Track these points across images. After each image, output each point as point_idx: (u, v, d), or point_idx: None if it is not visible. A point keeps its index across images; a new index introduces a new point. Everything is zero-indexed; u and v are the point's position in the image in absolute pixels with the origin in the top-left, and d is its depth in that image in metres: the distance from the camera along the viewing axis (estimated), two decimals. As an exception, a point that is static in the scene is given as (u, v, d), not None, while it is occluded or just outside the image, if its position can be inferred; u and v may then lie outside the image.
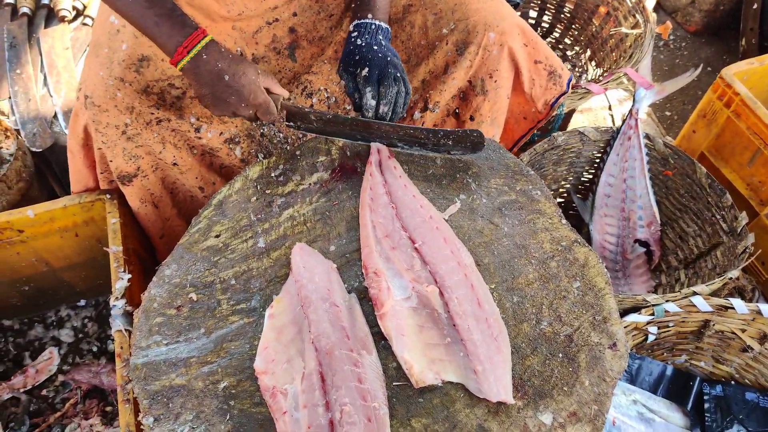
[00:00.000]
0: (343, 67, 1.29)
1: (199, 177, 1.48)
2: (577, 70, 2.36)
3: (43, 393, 1.65)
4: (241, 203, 1.24)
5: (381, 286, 1.04)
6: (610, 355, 0.98)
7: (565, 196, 1.90)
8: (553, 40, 2.46)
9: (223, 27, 1.40)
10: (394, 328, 1.00)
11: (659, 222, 1.72)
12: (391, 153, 1.27)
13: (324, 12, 1.48)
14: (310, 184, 1.26)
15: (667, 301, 1.36)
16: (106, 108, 1.31)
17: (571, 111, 2.08)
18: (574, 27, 2.37)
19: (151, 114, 1.36)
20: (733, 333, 1.41)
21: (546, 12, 2.43)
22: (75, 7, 2.30)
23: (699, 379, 1.44)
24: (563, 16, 2.38)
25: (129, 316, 1.27)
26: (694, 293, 1.36)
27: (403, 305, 1.03)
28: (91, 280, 1.75)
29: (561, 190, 1.88)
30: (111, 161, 1.38)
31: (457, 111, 1.57)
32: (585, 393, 0.94)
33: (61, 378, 1.67)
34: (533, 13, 2.45)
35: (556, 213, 1.17)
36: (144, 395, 0.98)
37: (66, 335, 1.77)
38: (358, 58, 1.26)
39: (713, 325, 1.40)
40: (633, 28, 2.06)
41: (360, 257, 1.12)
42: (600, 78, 1.92)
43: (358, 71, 1.26)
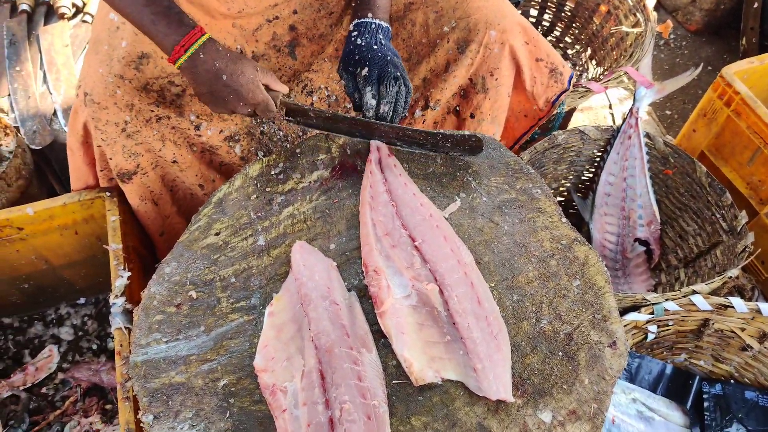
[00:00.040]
0: (343, 66, 1.28)
1: (198, 174, 1.48)
2: (577, 68, 2.36)
3: (43, 391, 1.65)
4: (241, 201, 1.24)
5: (381, 284, 1.04)
6: (609, 354, 0.98)
7: (565, 194, 1.90)
8: (554, 39, 2.45)
9: (223, 24, 1.40)
10: (393, 326, 1.00)
11: (659, 221, 1.72)
12: (391, 151, 1.27)
13: (324, 10, 1.48)
14: (310, 182, 1.26)
15: (666, 299, 1.36)
16: (105, 105, 1.31)
17: (572, 110, 2.08)
18: (574, 25, 2.37)
19: (151, 111, 1.36)
20: (733, 332, 1.41)
21: (547, 10, 2.43)
22: (74, 4, 2.29)
23: (698, 377, 1.44)
24: (564, 14, 2.38)
25: (129, 314, 1.27)
26: (694, 292, 1.36)
27: (402, 303, 1.03)
28: (91, 277, 1.75)
29: (561, 188, 1.88)
30: (111, 159, 1.38)
31: (457, 108, 1.56)
32: (584, 391, 0.95)
33: (60, 376, 1.67)
34: (534, 11, 2.45)
35: (556, 211, 1.17)
36: (144, 393, 0.99)
37: (66, 333, 1.77)
38: (358, 57, 1.26)
39: (713, 323, 1.40)
40: (633, 26, 2.06)
41: (360, 255, 1.12)
42: (600, 77, 1.92)
43: (358, 71, 1.25)
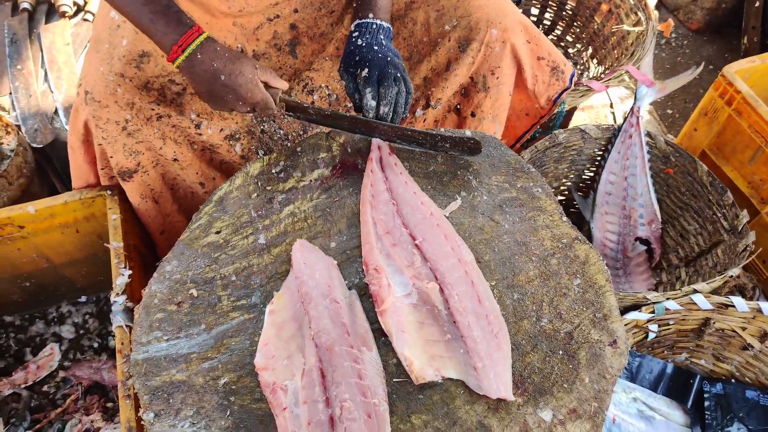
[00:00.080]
0: (343, 67, 1.28)
1: (199, 172, 1.48)
2: (578, 67, 2.36)
3: (44, 389, 1.65)
4: (242, 199, 1.24)
5: (381, 282, 1.04)
6: (610, 353, 0.98)
7: (566, 193, 1.90)
8: (555, 38, 2.45)
9: (223, 23, 1.40)
10: (394, 324, 1.00)
11: (660, 220, 1.72)
12: (391, 150, 1.27)
13: (325, 8, 1.48)
14: (311, 180, 1.26)
15: (667, 299, 1.35)
16: (106, 104, 1.31)
17: (573, 109, 2.08)
18: (575, 24, 2.37)
19: (152, 110, 1.36)
20: (734, 331, 1.41)
21: (548, 9, 2.42)
22: (76, 3, 2.30)
23: (699, 377, 1.44)
24: (565, 13, 2.38)
25: (130, 312, 1.27)
26: (695, 291, 1.36)
27: (403, 302, 1.03)
28: (92, 276, 1.75)
29: (562, 187, 1.88)
30: (111, 157, 1.38)
31: (458, 107, 1.56)
32: (585, 390, 0.95)
33: (62, 374, 1.67)
34: (535, 10, 2.44)
35: (557, 210, 1.17)
36: (144, 391, 0.99)
37: (67, 331, 1.77)
38: (358, 58, 1.25)
39: (714, 323, 1.40)
40: (635, 25, 2.06)
41: (360, 254, 1.12)
42: (601, 75, 1.91)
43: (358, 72, 1.25)
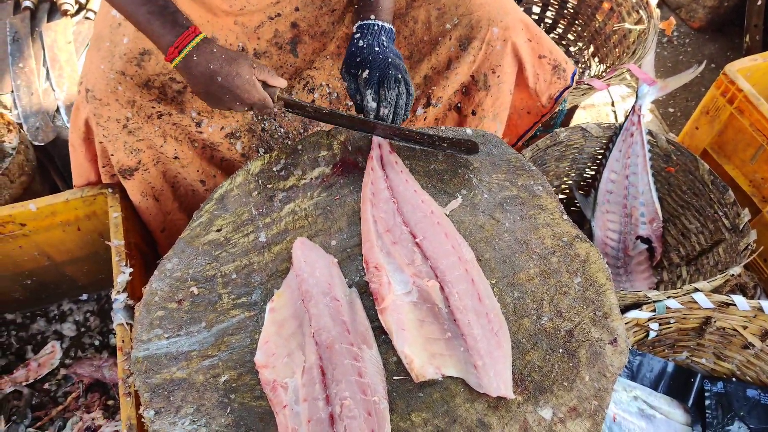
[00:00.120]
0: (345, 68, 1.28)
1: (200, 170, 1.48)
2: (580, 66, 2.36)
3: (46, 387, 1.65)
4: (243, 197, 1.24)
5: (382, 280, 1.04)
6: (610, 351, 0.98)
7: (567, 192, 1.90)
8: (556, 36, 2.45)
9: (224, 22, 1.40)
10: (394, 322, 1.00)
11: (661, 218, 1.72)
12: (392, 148, 1.27)
13: (326, 7, 1.48)
14: (312, 178, 1.26)
15: (668, 297, 1.35)
16: (107, 102, 1.32)
17: (574, 107, 2.08)
18: (577, 23, 2.36)
19: (152, 108, 1.36)
20: (735, 330, 1.41)
21: (549, 8, 2.42)
22: (78, 1, 2.30)
23: (700, 375, 1.43)
24: (566, 11, 2.37)
25: (130, 310, 1.27)
26: (696, 290, 1.36)
27: (403, 300, 1.03)
28: (93, 274, 1.76)
29: (563, 186, 1.87)
30: (112, 155, 1.38)
31: (459, 106, 1.56)
32: (585, 388, 0.94)
33: (63, 372, 1.67)
34: (536, 8, 2.44)
35: (558, 208, 1.17)
36: (145, 388, 0.99)
37: (68, 329, 1.77)
38: (360, 59, 1.25)
39: (715, 321, 1.40)
40: (636, 24, 2.05)
41: (361, 252, 1.12)
42: (603, 74, 1.91)
43: (359, 73, 1.25)
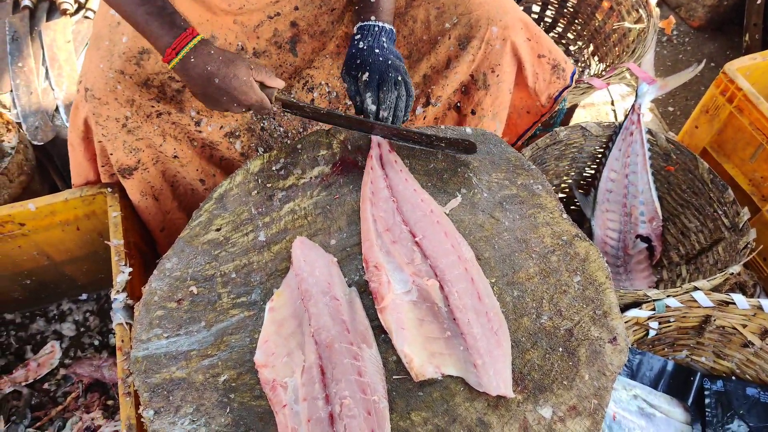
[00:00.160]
0: (345, 70, 1.28)
1: (199, 169, 1.48)
2: (579, 65, 2.36)
3: (45, 387, 1.65)
4: (242, 197, 1.24)
5: (381, 279, 1.04)
6: (610, 350, 0.98)
7: (567, 191, 1.90)
8: (556, 35, 2.45)
9: (224, 21, 1.40)
10: (394, 321, 1.00)
11: (661, 217, 1.72)
12: (391, 147, 1.27)
13: (325, 6, 1.48)
14: (311, 177, 1.26)
15: (668, 296, 1.35)
16: (106, 101, 1.31)
17: (574, 106, 2.08)
18: (577, 22, 2.36)
19: (152, 107, 1.36)
20: (734, 328, 1.41)
21: (549, 7, 2.42)
22: (77, 0, 2.30)
23: (700, 374, 1.43)
24: (566, 11, 2.37)
25: (130, 310, 1.27)
26: (695, 288, 1.36)
27: (403, 299, 1.03)
28: (93, 273, 1.76)
29: (563, 185, 1.87)
30: (111, 154, 1.38)
31: (458, 105, 1.56)
32: (585, 387, 0.94)
33: (62, 372, 1.67)
34: (536, 7, 2.44)
35: (557, 207, 1.17)
36: (144, 388, 0.99)
37: (68, 329, 1.77)
38: (360, 62, 1.25)
39: (714, 320, 1.40)
40: (636, 22, 2.05)
41: (360, 251, 1.12)
42: (603, 73, 1.91)
43: (359, 75, 1.25)
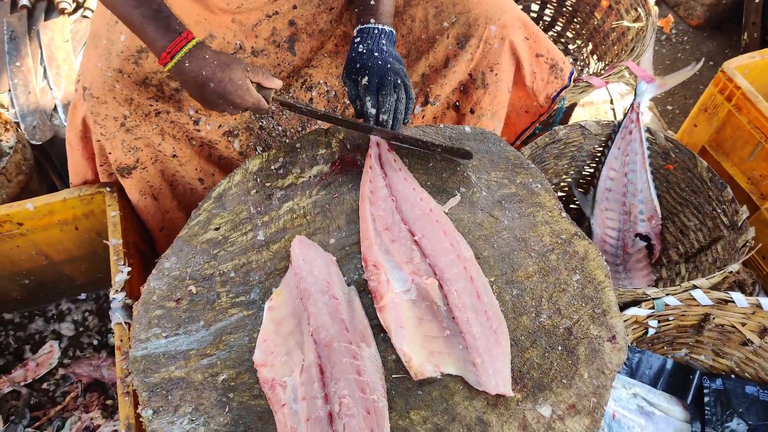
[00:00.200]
0: (346, 73, 1.28)
1: (198, 168, 1.48)
2: (578, 63, 2.36)
3: (44, 386, 1.65)
4: (241, 196, 1.24)
5: (380, 278, 1.04)
6: (609, 348, 0.98)
7: (566, 190, 1.90)
8: (555, 34, 2.45)
9: (222, 19, 1.40)
10: (393, 320, 1.00)
11: (660, 216, 1.72)
12: (390, 146, 1.27)
13: (324, 5, 1.48)
14: (310, 176, 1.26)
15: (667, 294, 1.35)
16: (104, 100, 1.31)
17: (573, 105, 2.08)
18: (575, 21, 2.36)
19: (150, 106, 1.36)
20: (733, 327, 1.41)
21: (548, 6, 2.42)
22: (75, 0, 2.29)
23: (699, 372, 1.44)
24: (565, 9, 2.37)
25: (129, 309, 1.27)
26: (695, 287, 1.36)
27: (402, 298, 1.03)
28: (92, 273, 1.75)
29: (562, 184, 1.87)
30: (110, 153, 1.38)
31: (457, 104, 1.56)
32: (584, 385, 0.94)
33: (61, 371, 1.67)
34: (535, 6, 2.44)
35: (556, 206, 1.17)
36: (143, 388, 0.99)
37: (66, 329, 1.77)
38: (359, 65, 1.25)
39: (713, 318, 1.40)
40: (635, 21, 2.05)
41: (359, 250, 1.12)
42: (601, 72, 1.91)
43: (359, 79, 1.25)
